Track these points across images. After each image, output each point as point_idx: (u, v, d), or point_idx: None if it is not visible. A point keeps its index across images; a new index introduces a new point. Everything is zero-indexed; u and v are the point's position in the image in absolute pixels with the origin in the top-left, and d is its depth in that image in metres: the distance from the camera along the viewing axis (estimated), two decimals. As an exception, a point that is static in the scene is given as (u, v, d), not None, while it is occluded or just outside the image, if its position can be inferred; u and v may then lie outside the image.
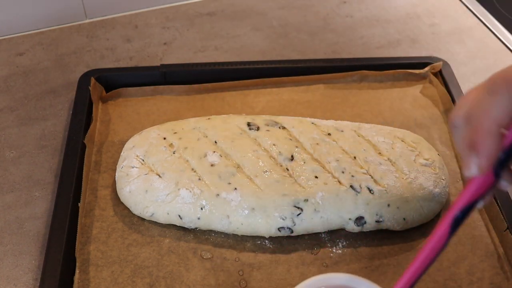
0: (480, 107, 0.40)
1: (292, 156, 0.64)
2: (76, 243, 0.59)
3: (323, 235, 0.63)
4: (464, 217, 0.42)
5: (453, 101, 0.76)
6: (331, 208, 0.61)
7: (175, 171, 0.62)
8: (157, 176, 0.63)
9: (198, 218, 0.61)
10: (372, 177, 0.62)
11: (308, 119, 0.70)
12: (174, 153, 0.64)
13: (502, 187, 0.42)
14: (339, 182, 0.62)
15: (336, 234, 0.63)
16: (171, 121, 0.71)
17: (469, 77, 0.86)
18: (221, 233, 0.62)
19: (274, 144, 0.65)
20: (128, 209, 0.64)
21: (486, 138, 0.39)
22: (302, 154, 0.64)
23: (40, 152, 0.73)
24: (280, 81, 0.80)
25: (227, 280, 0.58)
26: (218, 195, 0.61)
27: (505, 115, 0.38)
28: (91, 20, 0.96)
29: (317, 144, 0.65)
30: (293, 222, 0.60)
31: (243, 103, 0.78)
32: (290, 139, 0.66)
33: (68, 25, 0.95)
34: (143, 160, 0.64)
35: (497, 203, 0.63)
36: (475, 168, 0.40)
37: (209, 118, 0.70)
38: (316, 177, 0.62)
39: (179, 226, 0.62)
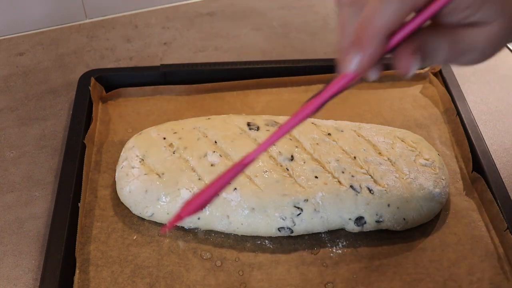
0: (371, 5, 0.39)
1: (292, 156, 0.64)
2: (76, 243, 0.59)
3: (323, 235, 0.63)
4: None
5: (453, 101, 0.76)
6: (331, 208, 0.61)
7: (175, 171, 0.62)
8: (157, 176, 0.63)
9: (198, 218, 0.61)
10: (372, 177, 0.62)
11: (308, 119, 0.70)
12: (174, 153, 0.64)
13: (369, 79, 0.43)
14: (339, 182, 0.62)
15: (336, 234, 0.63)
16: (171, 121, 0.71)
17: (469, 77, 0.86)
18: (221, 233, 0.62)
19: (274, 144, 0.65)
20: (128, 209, 0.64)
21: (373, 39, 0.39)
22: (302, 154, 0.64)
23: (40, 152, 0.73)
24: (280, 81, 0.80)
25: (227, 280, 0.58)
26: (218, 195, 0.61)
27: (396, 21, 0.38)
28: (91, 20, 0.96)
29: (317, 144, 0.65)
30: (293, 222, 0.60)
31: (243, 103, 0.78)
32: (290, 139, 0.66)
33: (68, 25, 0.95)
34: (143, 160, 0.64)
35: (497, 203, 0.63)
36: (355, 64, 0.40)
37: (209, 118, 0.70)
38: (316, 177, 0.62)
39: (179, 226, 0.62)
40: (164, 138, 0.66)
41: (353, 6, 0.41)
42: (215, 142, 0.65)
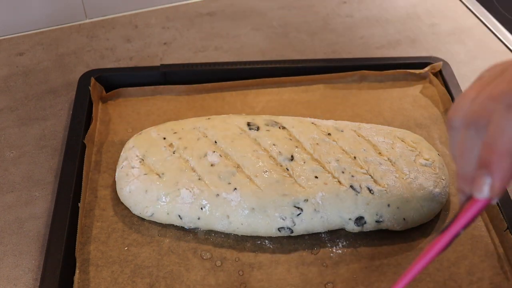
0: (496, 124, 0.36)
1: (292, 156, 0.64)
2: (76, 243, 0.59)
3: (323, 235, 0.63)
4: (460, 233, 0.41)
5: (453, 101, 0.76)
6: (331, 208, 0.61)
7: (175, 171, 0.63)
8: (157, 176, 0.63)
9: (198, 218, 0.61)
10: (372, 177, 0.62)
11: (308, 119, 0.70)
12: (174, 153, 0.64)
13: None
14: (339, 182, 0.62)
15: (336, 234, 0.63)
16: (171, 121, 0.71)
17: (469, 77, 0.86)
18: (221, 233, 0.62)
19: (274, 144, 0.65)
20: (128, 209, 0.64)
21: (503, 160, 0.35)
22: (302, 154, 0.64)
23: (40, 152, 0.73)
24: (280, 81, 0.80)
25: (227, 280, 0.58)
26: (218, 195, 0.61)
27: None
28: (91, 20, 0.96)
29: (317, 144, 0.65)
30: (293, 222, 0.60)
31: (243, 103, 0.78)
32: (290, 139, 0.66)
33: (68, 25, 0.95)
34: (143, 160, 0.64)
35: (497, 203, 0.63)
36: (487, 189, 0.37)
37: (209, 118, 0.70)
38: (316, 177, 0.62)
39: (179, 226, 0.62)
40: (164, 138, 0.66)
41: (471, 127, 0.38)
42: (215, 142, 0.65)
